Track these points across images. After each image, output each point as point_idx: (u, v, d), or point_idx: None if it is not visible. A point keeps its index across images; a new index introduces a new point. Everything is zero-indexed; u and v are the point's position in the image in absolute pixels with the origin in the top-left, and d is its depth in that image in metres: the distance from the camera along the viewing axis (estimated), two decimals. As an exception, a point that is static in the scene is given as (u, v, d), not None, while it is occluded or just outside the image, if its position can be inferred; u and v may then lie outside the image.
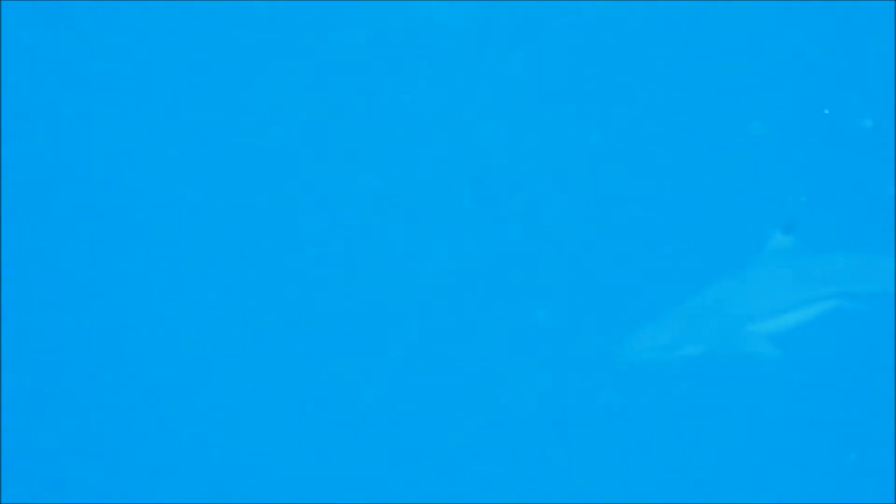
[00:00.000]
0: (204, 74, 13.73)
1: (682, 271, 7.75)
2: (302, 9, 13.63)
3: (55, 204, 13.42)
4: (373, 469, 10.56)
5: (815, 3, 12.91)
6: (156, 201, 13.46)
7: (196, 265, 13.24)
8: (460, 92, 13.32)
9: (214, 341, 12.48)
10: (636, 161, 10.24)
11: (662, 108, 11.12)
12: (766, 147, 10.13)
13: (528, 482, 9.18)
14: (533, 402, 9.05)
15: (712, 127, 10.44)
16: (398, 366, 10.88)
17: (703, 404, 8.39)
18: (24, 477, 10.17)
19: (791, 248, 6.89)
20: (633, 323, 6.92)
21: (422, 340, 10.91)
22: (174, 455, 10.55)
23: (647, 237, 9.36)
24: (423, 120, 13.64)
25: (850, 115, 10.76)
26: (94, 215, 13.40)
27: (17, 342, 12.03)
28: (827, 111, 10.42)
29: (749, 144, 10.14)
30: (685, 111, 10.88)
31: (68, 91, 13.56)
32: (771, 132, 10.25)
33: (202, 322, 12.74)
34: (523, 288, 9.87)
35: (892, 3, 12.56)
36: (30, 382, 11.71)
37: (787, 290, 6.96)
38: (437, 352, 10.75)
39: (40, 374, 11.89)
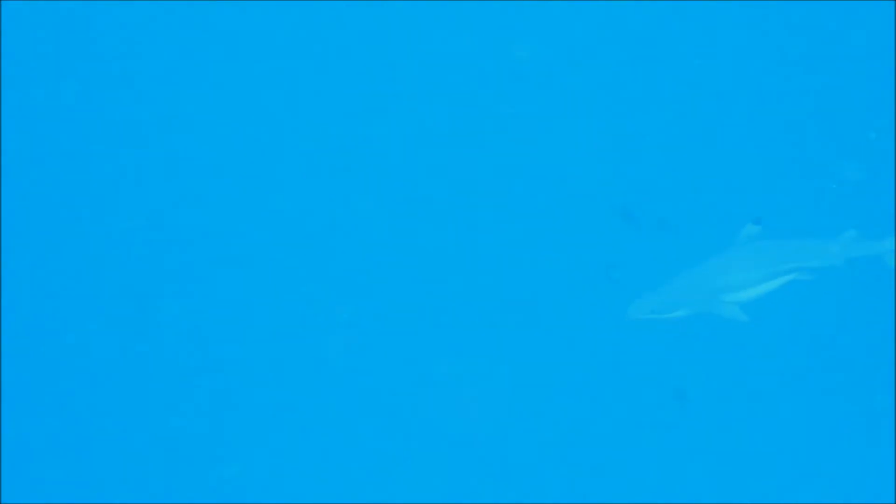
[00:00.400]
0: (203, 75, 13.75)
1: (675, 253, 9.35)
2: (302, 9, 13.65)
3: (55, 204, 13.44)
4: (372, 460, 10.71)
5: (816, 4, 12.93)
6: (155, 201, 13.47)
7: (195, 265, 13.26)
8: (456, 92, 13.44)
9: (214, 341, 12.50)
10: (645, 163, 12.18)
11: (664, 111, 12.51)
12: (743, 155, 12.13)
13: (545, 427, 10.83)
14: (562, 353, 11.26)
15: (704, 135, 12.38)
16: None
17: (688, 355, 10.71)
18: (24, 477, 10.18)
19: (758, 235, 8.65)
20: (638, 292, 8.61)
21: (450, 297, 11.82)
22: (174, 455, 10.56)
23: (650, 228, 11.39)
24: (422, 120, 13.66)
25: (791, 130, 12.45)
26: (93, 215, 13.42)
27: (17, 342, 12.05)
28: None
29: (730, 153, 12.17)
30: (686, 116, 12.51)
31: (68, 91, 13.58)
32: (748, 143, 12.27)
33: (202, 322, 12.76)
34: (557, 267, 11.73)
35: (893, 3, 12.58)
36: (30, 383, 11.73)
37: (755, 267, 8.65)
38: (467, 311, 11.73)
39: (40, 374, 11.91)
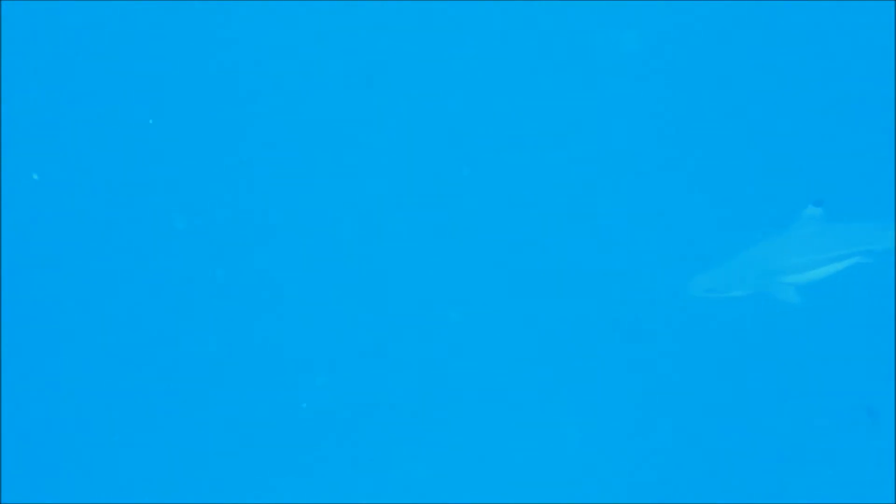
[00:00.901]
0: (204, 75, 13.76)
1: (737, 233, 9.44)
2: (301, 9, 13.65)
3: (55, 204, 13.44)
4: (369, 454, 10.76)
5: (816, 4, 12.93)
6: (154, 201, 13.47)
7: (195, 265, 13.26)
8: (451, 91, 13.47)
9: (213, 341, 12.50)
10: (710, 149, 12.34)
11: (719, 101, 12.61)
12: (804, 138, 12.12)
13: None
14: (624, 326, 11.52)
15: (760, 121, 12.45)
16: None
17: (742, 334, 10.82)
18: (24, 477, 10.18)
19: (821, 217, 8.63)
20: (698, 270, 8.79)
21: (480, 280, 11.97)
22: (174, 455, 10.56)
23: (713, 208, 11.71)
24: (421, 120, 13.67)
25: (852, 113, 12.29)
26: (92, 216, 13.42)
27: (17, 343, 12.05)
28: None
29: (790, 137, 12.17)
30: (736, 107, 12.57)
31: (68, 91, 13.58)
32: (805, 127, 12.22)
33: (201, 322, 12.76)
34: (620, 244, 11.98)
35: (892, 2, 12.57)
36: (30, 383, 11.73)
37: (815, 249, 8.65)
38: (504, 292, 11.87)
39: (40, 374, 11.91)
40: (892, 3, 12.70)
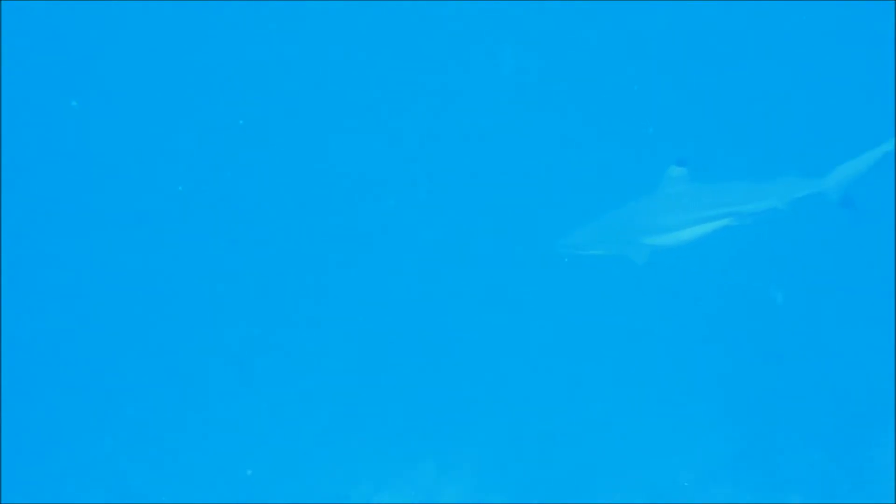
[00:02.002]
0: (203, 75, 13.76)
1: (603, 194, 9.33)
2: (301, 9, 13.65)
3: (55, 204, 13.44)
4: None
5: (816, 4, 12.93)
6: (153, 202, 13.47)
7: (195, 265, 13.25)
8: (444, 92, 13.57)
9: (212, 342, 12.50)
10: (577, 114, 12.49)
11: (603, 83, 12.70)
12: (668, 96, 12.35)
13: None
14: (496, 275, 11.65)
15: (617, 88, 12.58)
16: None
17: (593, 290, 10.85)
18: (24, 477, 10.18)
19: (686, 177, 8.38)
20: (564, 228, 8.78)
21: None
22: (173, 455, 10.56)
23: (580, 166, 11.85)
24: (420, 120, 13.68)
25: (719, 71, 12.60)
26: (93, 216, 13.42)
27: (17, 343, 12.05)
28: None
29: (655, 96, 12.41)
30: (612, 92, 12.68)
31: (68, 91, 13.58)
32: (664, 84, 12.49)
33: (202, 322, 12.76)
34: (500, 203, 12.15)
35: (892, 2, 12.57)
36: (30, 383, 11.73)
37: (681, 210, 8.42)
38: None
39: (40, 374, 11.91)
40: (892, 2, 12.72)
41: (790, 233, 10.42)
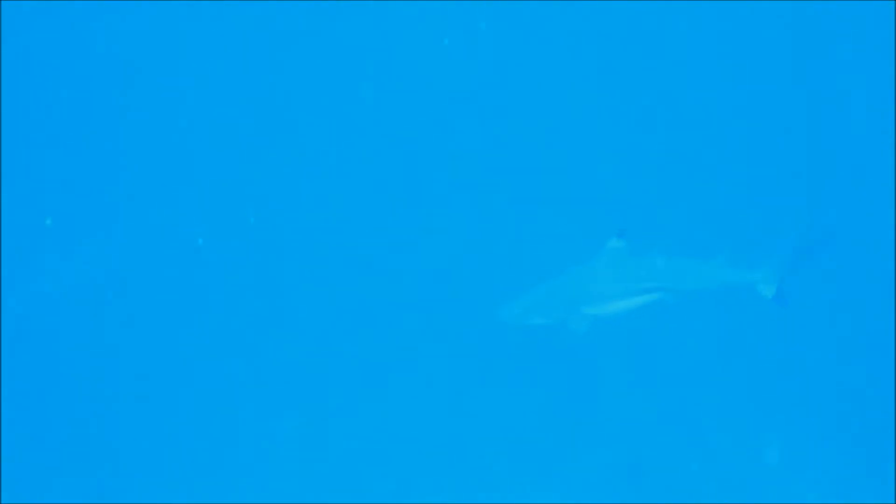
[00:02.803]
0: (203, 75, 13.75)
1: (542, 262, 9.55)
2: (301, 9, 13.65)
3: (55, 203, 13.44)
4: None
5: (816, 4, 12.93)
6: (153, 202, 13.48)
7: (194, 265, 13.26)
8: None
9: (213, 342, 12.51)
10: (521, 181, 12.82)
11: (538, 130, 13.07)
12: (608, 169, 12.65)
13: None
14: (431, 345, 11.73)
15: (564, 151, 12.92)
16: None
17: (537, 361, 11.02)
18: (24, 477, 10.18)
19: (624, 249, 8.57)
20: (505, 297, 8.89)
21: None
22: (173, 455, 10.56)
23: (521, 235, 12.11)
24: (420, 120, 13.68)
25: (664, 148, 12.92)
26: (92, 216, 13.42)
27: (17, 342, 12.05)
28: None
29: (593, 168, 12.71)
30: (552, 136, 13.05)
31: (68, 91, 13.57)
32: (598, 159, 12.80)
33: (202, 322, 12.76)
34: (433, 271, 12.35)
35: (892, 2, 12.57)
36: (30, 383, 11.73)
37: (618, 281, 8.60)
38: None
39: (40, 374, 11.91)
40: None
41: (720, 315, 10.76)
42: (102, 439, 10.85)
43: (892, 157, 12.30)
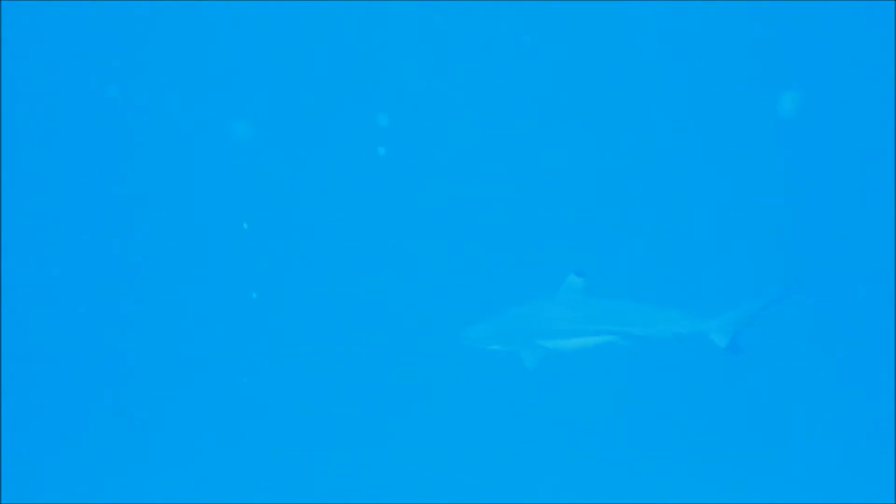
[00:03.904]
0: (203, 75, 13.77)
1: (504, 294, 9.84)
2: (301, 9, 13.67)
3: (55, 203, 13.46)
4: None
5: (816, 4, 12.95)
6: (153, 201, 13.50)
7: (194, 265, 13.28)
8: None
9: (212, 342, 12.53)
10: (484, 215, 13.29)
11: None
12: (574, 209, 13.12)
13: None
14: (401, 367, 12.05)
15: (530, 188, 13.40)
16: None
17: (494, 384, 11.33)
18: (24, 477, 10.20)
19: (581, 288, 8.87)
20: (467, 322, 9.23)
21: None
22: (173, 455, 10.58)
23: (485, 267, 12.60)
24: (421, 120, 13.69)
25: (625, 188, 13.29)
26: (93, 216, 13.44)
27: (17, 342, 12.07)
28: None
29: (560, 207, 13.16)
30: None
31: (68, 91, 13.59)
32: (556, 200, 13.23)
33: (201, 323, 12.78)
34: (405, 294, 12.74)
35: (892, 2, 12.58)
36: (30, 382, 11.75)
37: (572, 320, 8.86)
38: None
39: (40, 374, 11.93)
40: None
41: (670, 361, 11.03)
42: (102, 439, 10.87)
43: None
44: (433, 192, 13.32)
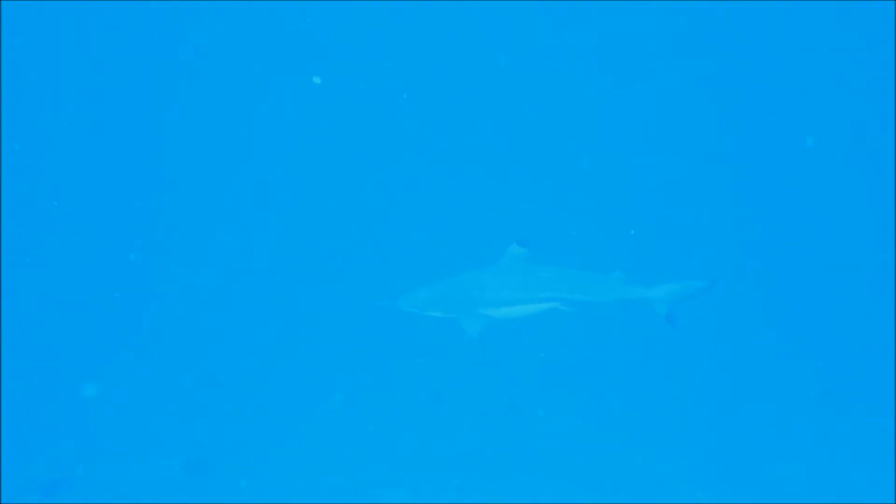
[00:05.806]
0: (203, 75, 13.78)
1: (446, 262, 9.95)
2: (302, 9, 13.68)
3: (55, 203, 13.46)
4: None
5: (816, 4, 12.96)
6: (153, 203, 13.51)
7: (193, 265, 13.28)
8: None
9: (213, 342, 12.53)
10: (429, 183, 13.50)
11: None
12: (518, 179, 13.34)
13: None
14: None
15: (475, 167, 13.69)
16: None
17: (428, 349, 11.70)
18: (24, 477, 10.20)
19: (524, 257, 8.82)
20: (407, 288, 9.16)
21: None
22: (173, 455, 10.59)
23: (430, 235, 12.79)
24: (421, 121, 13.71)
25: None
26: (92, 217, 13.45)
27: (17, 342, 12.07)
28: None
29: (504, 177, 13.41)
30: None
31: (68, 90, 13.60)
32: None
33: (202, 324, 12.78)
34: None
35: (892, 2, 12.59)
36: (30, 382, 11.76)
37: (514, 288, 8.82)
38: None
39: (40, 374, 11.93)
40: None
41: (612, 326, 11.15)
42: (102, 439, 10.87)
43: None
44: (377, 166, 13.62)
